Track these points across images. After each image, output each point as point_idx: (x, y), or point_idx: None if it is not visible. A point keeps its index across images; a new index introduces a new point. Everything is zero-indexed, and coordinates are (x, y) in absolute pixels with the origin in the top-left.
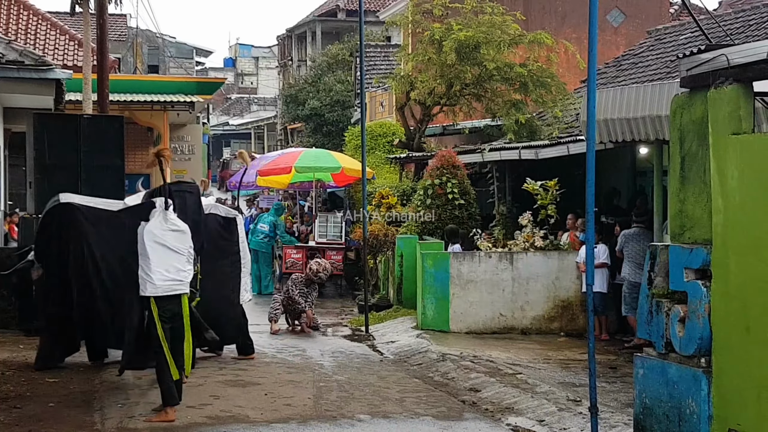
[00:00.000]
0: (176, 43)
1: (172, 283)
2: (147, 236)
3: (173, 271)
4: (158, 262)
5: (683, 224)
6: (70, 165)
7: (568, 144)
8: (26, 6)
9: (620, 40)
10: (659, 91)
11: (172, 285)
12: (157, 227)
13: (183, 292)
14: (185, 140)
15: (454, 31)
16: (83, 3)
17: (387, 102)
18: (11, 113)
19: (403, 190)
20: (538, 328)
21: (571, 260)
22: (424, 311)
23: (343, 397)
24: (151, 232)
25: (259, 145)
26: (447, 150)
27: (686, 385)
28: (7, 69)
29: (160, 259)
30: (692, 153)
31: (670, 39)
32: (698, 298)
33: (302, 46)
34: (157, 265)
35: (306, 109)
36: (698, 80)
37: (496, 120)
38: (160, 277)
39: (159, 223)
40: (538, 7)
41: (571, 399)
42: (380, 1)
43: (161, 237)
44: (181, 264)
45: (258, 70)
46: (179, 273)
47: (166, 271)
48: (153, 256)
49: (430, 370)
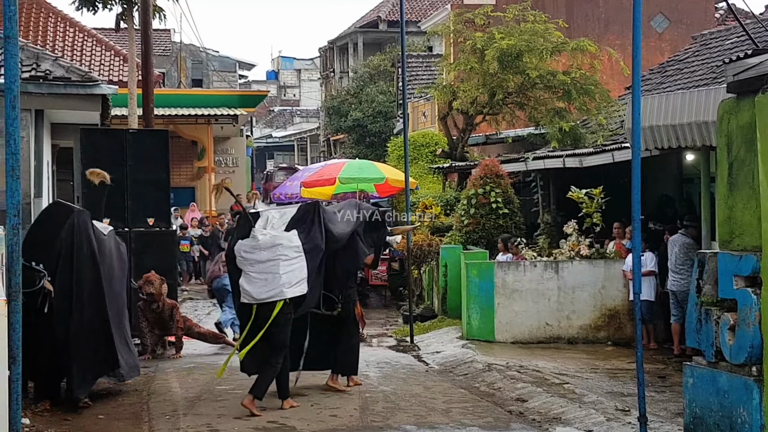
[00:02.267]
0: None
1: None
2: (242, 250)
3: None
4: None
5: (732, 231)
6: (116, 179)
7: (612, 151)
8: (72, 23)
9: (665, 45)
10: (705, 97)
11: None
12: (249, 243)
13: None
14: (229, 153)
15: (496, 39)
16: (128, 19)
17: (429, 112)
18: (59, 129)
19: (446, 199)
20: (585, 338)
21: (618, 268)
22: (469, 321)
23: (389, 408)
24: (245, 250)
25: (302, 156)
26: (490, 159)
27: (737, 394)
28: (54, 85)
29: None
30: (740, 159)
31: (715, 44)
32: (748, 306)
33: (344, 57)
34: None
35: (348, 120)
36: (745, 85)
37: (540, 128)
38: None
39: (253, 240)
40: (581, 15)
41: (619, 409)
42: (421, 11)
43: (253, 253)
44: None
45: (300, 82)
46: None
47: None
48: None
49: (476, 380)
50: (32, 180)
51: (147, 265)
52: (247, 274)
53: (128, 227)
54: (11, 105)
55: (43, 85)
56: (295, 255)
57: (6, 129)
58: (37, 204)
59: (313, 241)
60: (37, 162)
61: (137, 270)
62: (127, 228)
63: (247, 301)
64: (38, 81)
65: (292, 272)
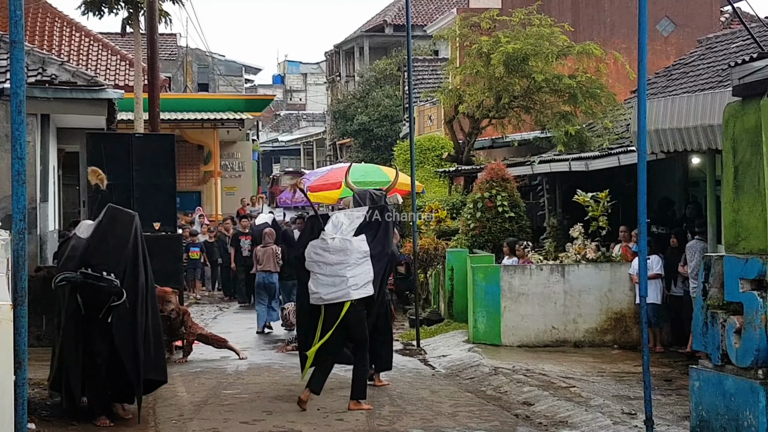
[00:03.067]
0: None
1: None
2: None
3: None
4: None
5: (738, 234)
6: (122, 184)
7: (618, 155)
8: (78, 27)
9: (670, 49)
10: (711, 101)
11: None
12: (319, 246)
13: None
14: (235, 157)
15: (502, 43)
16: (134, 24)
17: (435, 116)
18: (65, 133)
19: (452, 203)
20: (591, 341)
21: (624, 272)
22: (476, 325)
23: (395, 412)
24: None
25: (308, 160)
26: (496, 163)
27: (743, 398)
28: (60, 90)
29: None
30: (746, 162)
31: (721, 48)
32: (754, 309)
33: (350, 61)
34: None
35: (354, 124)
36: (751, 89)
37: (546, 132)
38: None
39: (322, 242)
40: (587, 18)
41: (626, 412)
42: (427, 15)
43: (322, 254)
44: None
45: (306, 87)
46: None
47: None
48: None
49: (482, 383)
50: (38, 185)
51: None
52: (315, 275)
53: None
54: (17, 109)
55: (49, 90)
56: (363, 259)
57: (12, 133)
58: (43, 209)
59: (379, 246)
60: (43, 167)
61: None
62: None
63: (315, 302)
64: (44, 85)
65: (360, 275)
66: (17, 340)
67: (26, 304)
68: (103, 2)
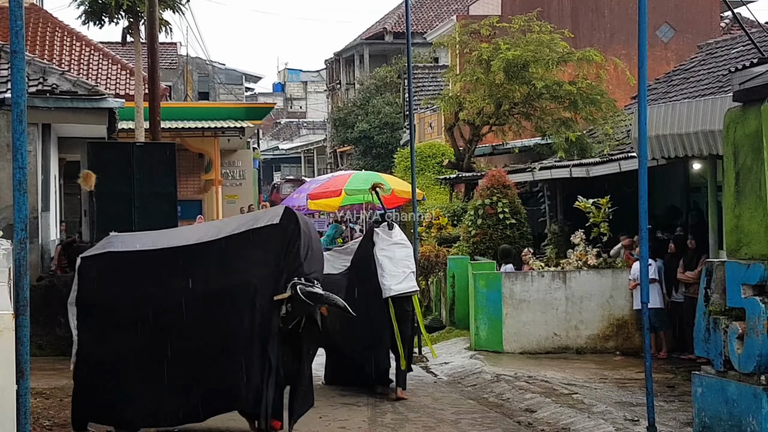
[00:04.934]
0: (226, 70)
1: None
2: (378, 252)
3: (402, 276)
4: (390, 270)
5: (739, 240)
6: (123, 192)
7: (619, 161)
8: (79, 37)
9: (670, 55)
10: (711, 106)
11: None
12: (384, 243)
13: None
14: (236, 165)
15: (502, 50)
16: (134, 33)
17: (436, 123)
18: (66, 143)
19: (453, 210)
20: (593, 348)
21: (626, 278)
22: (477, 332)
23: (397, 420)
24: (381, 248)
25: (309, 168)
26: (497, 169)
27: (746, 403)
28: (60, 99)
29: (390, 267)
30: (747, 167)
31: (721, 53)
32: (756, 315)
33: (350, 69)
34: (390, 273)
35: (355, 131)
36: (751, 94)
37: (546, 138)
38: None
39: (384, 240)
40: (587, 25)
41: (628, 419)
42: (427, 22)
43: (389, 250)
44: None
45: (307, 95)
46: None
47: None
48: (386, 266)
49: (484, 391)
50: (39, 194)
51: None
52: (382, 268)
53: None
54: (18, 119)
55: (50, 99)
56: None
57: (13, 143)
58: (45, 218)
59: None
60: (44, 176)
61: None
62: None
63: (386, 294)
64: (45, 95)
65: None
66: (19, 350)
67: (28, 313)
68: (104, 12)
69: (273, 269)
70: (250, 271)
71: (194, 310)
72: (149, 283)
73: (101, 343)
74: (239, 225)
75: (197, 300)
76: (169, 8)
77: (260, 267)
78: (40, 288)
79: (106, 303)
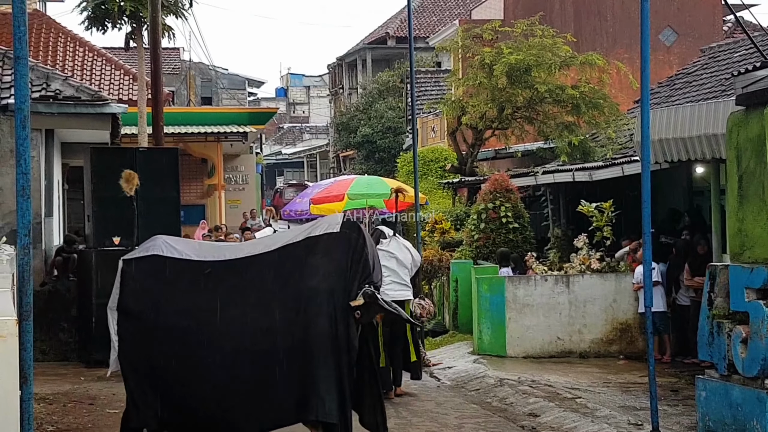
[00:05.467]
0: (228, 75)
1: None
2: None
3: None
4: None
5: (743, 243)
6: (126, 198)
7: (622, 165)
8: (82, 42)
9: (673, 59)
10: (714, 110)
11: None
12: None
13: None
14: (239, 170)
15: (504, 54)
16: (137, 38)
17: (438, 127)
18: (69, 148)
19: (456, 214)
20: (597, 352)
21: (629, 282)
22: (481, 336)
23: (400, 425)
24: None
25: (311, 173)
26: (500, 174)
27: (750, 407)
28: (64, 105)
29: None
30: (750, 171)
31: (723, 57)
32: (760, 318)
33: (353, 73)
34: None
35: (358, 136)
36: (754, 98)
37: (549, 142)
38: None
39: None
40: (589, 29)
41: (632, 423)
42: (430, 27)
43: (395, 253)
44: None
45: (309, 99)
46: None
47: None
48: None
49: (488, 395)
50: (43, 199)
51: None
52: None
53: (139, 245)
54: (21, 125)
55: (53, 105)
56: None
57: (16, 149)
58: (48, 224)
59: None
60: (47, 181)
61: None
62: (137, 246)
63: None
64: (48, 101)
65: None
66: (23, 355)
67: (31, 318)
68: (107, 17)
69: (341, 277)
70: (317, 279)
71: (255, 319)
72: (204, 291)
73: (150, 350)
74: (294, 236)
75: (258, 310)
76: (171, 13)
77: (329, 275)
78: (44, 293)
79: (153, 307)
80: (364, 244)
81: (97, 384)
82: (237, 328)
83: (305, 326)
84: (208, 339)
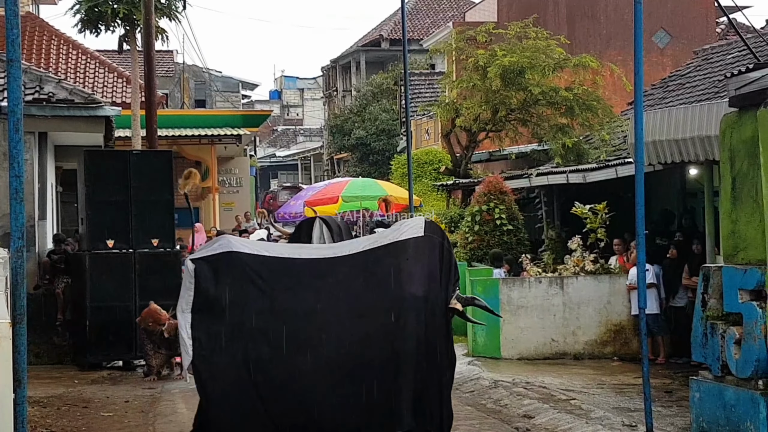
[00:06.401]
0: (222, 78)
1: None
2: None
3: None
4: None
5: (736, 245)
6: (120, 200)
7: (616, 167)
8: (75, 45)
9: (666, 61)
10: (708, 112)
11: None
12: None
13: None
14: (233, 173)
15: (498, 56)
16: (131, 41)
17: (432, 129)
18: (62, 151)
19: (450, 216)
20: (591, 353)
21: (623, 283)
22: (475, 338)
23: None
24: None
25: (306, 175)
26: (494, 176)
27: (744, 408)
28: (57, 107)
29: None
30: (743, 173)
31: (717, 59)
32: (754, 320)
33: (347, 76)
34: None
35: (352, 138)
36: (747, 99)
37: (543, 144)
38: None
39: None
40: (583, 31)
41: (626, 424)
42: (423, 29)
43: None
44: None
45: (303, 102)
46: None
47: None
48: None
49: (482, 397)
50: (36, 202)
51: (151, 286)
52: None
53: (132, 248)
54: (14, 128)
55: (46, 108)
56: None
57: (9, 152)
58: (42, 227)
59: None
60: (41, 184)
61: (142, 291)
62: (131, 249)
63: None
64: (42, 103)
65: None
66: (16, 358)
67: (25, 322)
68: (100, 20)
69: (436, 283)
70: (414, 285)
71: (350, 326)
72: (289, 291)
73: (231, 353)
74: (376, 240)
75: (352, 315)
76: (165, 16)
77: (422, 281)
78: (37, 296)
79: (237, 306)
80: (450, 247)
81: (91, 387)
82: (333, 334)
83: (403, 335)
84: (303, 343)
